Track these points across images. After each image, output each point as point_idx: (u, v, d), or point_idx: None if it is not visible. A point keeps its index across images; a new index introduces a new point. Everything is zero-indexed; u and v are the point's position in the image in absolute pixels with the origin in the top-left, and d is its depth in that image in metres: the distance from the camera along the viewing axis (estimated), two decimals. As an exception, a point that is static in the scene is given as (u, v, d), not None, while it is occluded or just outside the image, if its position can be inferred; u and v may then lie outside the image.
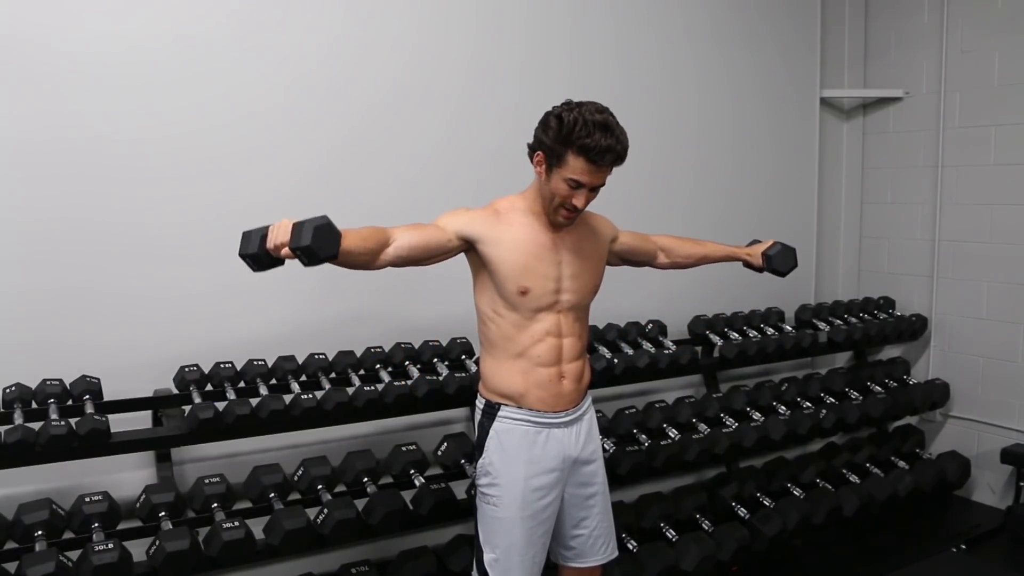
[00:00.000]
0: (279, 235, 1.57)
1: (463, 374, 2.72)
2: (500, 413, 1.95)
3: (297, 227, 1.56)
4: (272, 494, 2.35)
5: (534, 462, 1.93)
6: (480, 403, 2.01)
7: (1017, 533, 3.18)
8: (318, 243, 1.55)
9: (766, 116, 3.88)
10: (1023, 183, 3.49)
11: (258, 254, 1.59)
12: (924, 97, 3.86)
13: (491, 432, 1.96)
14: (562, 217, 1.89)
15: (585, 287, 2.00)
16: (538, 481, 1.93)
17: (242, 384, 2.59)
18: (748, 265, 2.43)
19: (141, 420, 2.48)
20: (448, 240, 1.86)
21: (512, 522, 1.91)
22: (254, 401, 2.40)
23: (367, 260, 1.74)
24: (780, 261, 2.36)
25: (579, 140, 1.76)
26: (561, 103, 1.85)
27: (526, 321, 1.91)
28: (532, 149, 1.89)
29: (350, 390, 2.55)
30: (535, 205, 1.94)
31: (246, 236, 1.61)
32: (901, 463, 3.48)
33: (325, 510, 2.27)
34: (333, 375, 2.71)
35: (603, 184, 1.86)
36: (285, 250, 1.56)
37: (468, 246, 1.90)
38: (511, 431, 1.94)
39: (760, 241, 2.48)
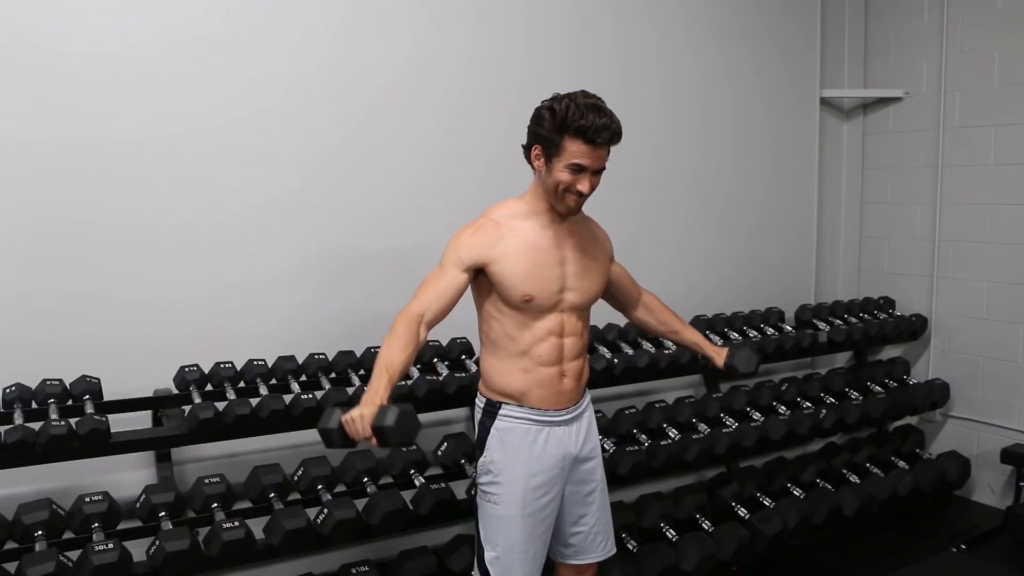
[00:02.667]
0: (361, 430, 1.64)
1: (463, 374, 2.72)
2: (501, 412, 1.96)
3: (379, 432, 1.63)
4: (272, 494, 2.35)
5: (535, 460, 1.94)
6: (480, 402, 2.01)
7: (1017, 533, 3.18)
8: (404, 437, 1.65)
9: (766, 116, 3.88)
10: (1023, 183, 3.49)
11: (344, 446, 1.69)
12: (924, 97, 3.86)
13: (492, 431, 1.96)
14: (571, 201, 1.89)
15: (589, 287, 2.00)
16: (539, 479, 1.94)
17: (242, 384, 2.59)
18: (712, 362, 2.30)
19: (141, 420, 2.48)
20: (464, 283, 1.90)
21: (513, 520, 1.92)
22: (254, 401, 2.40)
23: (417, 354, 1.83)
24: (741, 358, 2.25)
25: (574, 123, 1.78)
26: (549, 97, 1.87)
27: (529, 320, 1.92)
28: (528, 146, 1.91)
29: (350, 390, 2.55)
30: (537, 205, 1.94)
31: (325, 434, 1.69)
32: (901, 463, 3.48)
33: (325, 510, 2.26)
34: (333, 375, 2.71)
35: (603, 168, 1.87)
36: (374, 440, 1.64)
37: (478, 272, 1.91)
38: (512, 430, 1.94)
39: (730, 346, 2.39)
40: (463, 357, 2.90)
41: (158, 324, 2.55)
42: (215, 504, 2.28)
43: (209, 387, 2.55)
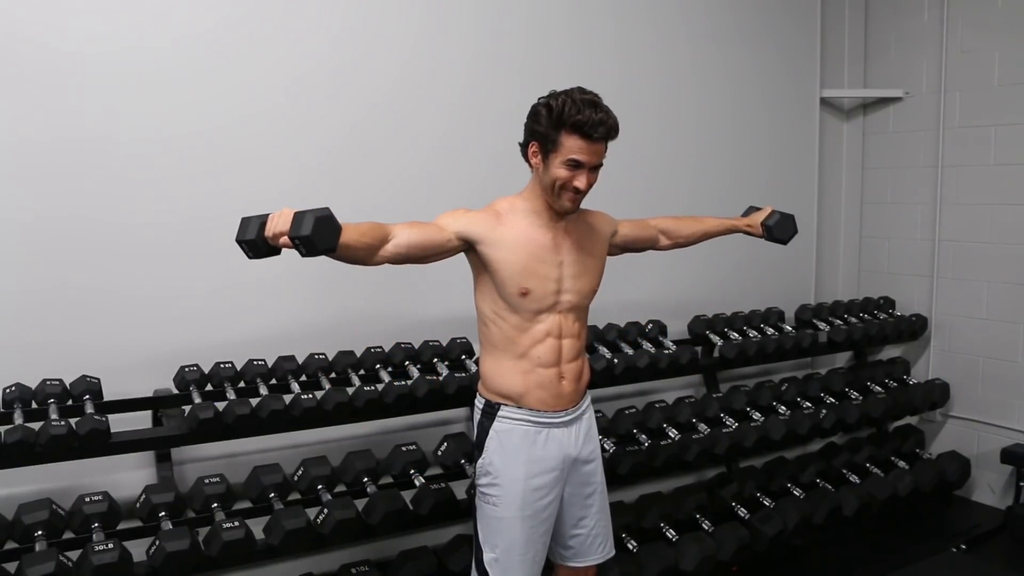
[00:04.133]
0: (279, 223, 1.55)
1: (463, 374, 2.72)
2: (500, 413, 1.95)
3: (298, 216, 1.53)
4: (272, 494, 2.35)
5: (534, 462, 1.93)
6: (480, 403, 2.01)
7: (1017, 533, 3.18)
8: (318, 234, 1.52)
9: (766, 116, 3.88)
10: (1023, 183, 3.49)
11: (255, 241, 1.56)
12: (924, 97, 3.86)
13: (491, 432, 1.95)
14: (568, 200, 1.88)
15: (585, 288, 2.00)
16: (538, 481, 1.93)
17: (242, 384, 2.59)
18: (749, 235, 2.45)
19: (141, 420, 2.48)
20: (448, 240, 1.86)
21: (512, 522, 1.91)
22: (254, 401, 2.40)
23: (365, 255, 1.74)
24: (780, 230, 2.37)
25: (571, 118, 1.78)
26: (546, 94, 1.87)
27: (527, 323, 1.91)
28: (524, 143, 1.91)
29: (350, 390, 2.55)
30: (535, 204, 1.94)
31: (244, 222, 1.59)
32: (901, 463, 3.48)
33: (325, 510, 2.27)
34: (333, 375, 2.71)
35: (600, 164, 1.87)
36: (284, 239, 1.54)
37: (468, 247, 1.90)
38: (511, 431, 1.94)
39: (758, 208, 2.49)
40: (463, 357, 2.90)
41: (158, 324, 2.55)
42: (215, 504, 2.28)
43: (209, 387, 2.55)
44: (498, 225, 1.90)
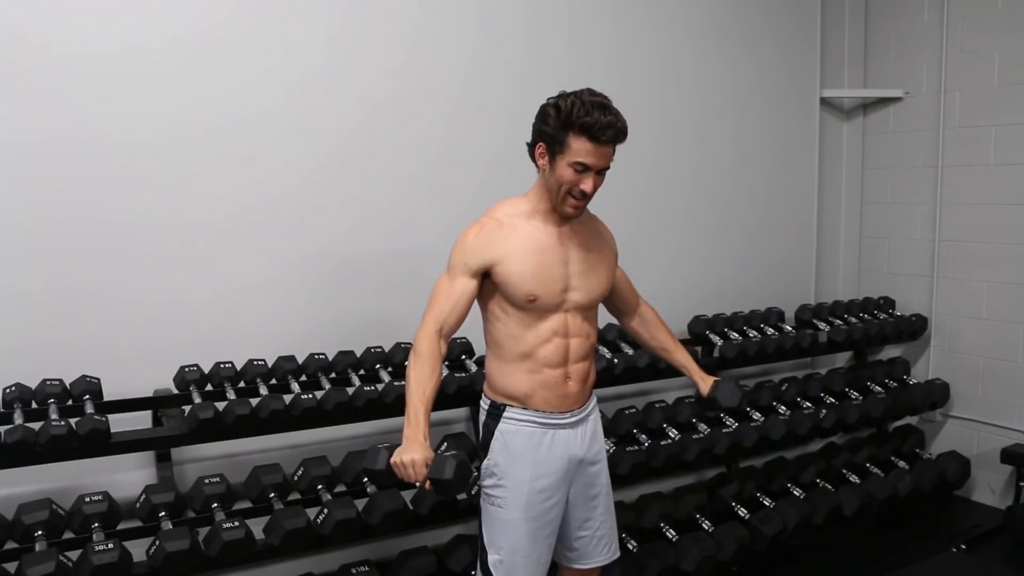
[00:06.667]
0: (414, 475, 1.69)
1: (463, 374, 2.72)
2: (505, 414, 1.95)
3: (437, 484, 1.67)
4: (272, 494, 2.35)
5: (540, 463, 1.93)
6: (485, 404, 2.00)
7: (1017, 533, 3.18)
8: (462, 486, 1.69)
9: (766, 116, 3.88)
10: (1023, 183, 3.49)
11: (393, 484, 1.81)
12: (924, 97, 3.86)
13: (496, 433, 1.95)
14: (570, 207, 1.88)
15: (593, 288, 1.98)
16: (543, 482, 1.93)
17: (242, 384, 2.59)
18: (697, 388, 2.27)
19: (141, 420, 2.48)
20: (475, 288, 1.90)
21: (517, 523, 1.91)
22: (254, 401, 2.40)
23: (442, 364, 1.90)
24: (724, 394, 2.21)
25: (579, 120, 1.77)
26: (555, 95, 1.86)
27: (533, 321, 1.91)
28: (532, 143, 1.90)
29: (350, 390, 2.55)
30: (540, 204, 1.93)
31: (371, 475, 1.77)
32: (901, 463, 3.48)
33: (325, 510, 2.27)
34: (333, 375, 2.71)
35: (607, 167, 1.86)
36: (428, 484, 1.70)
37: (486, 273, 1.90)
38: (517, 432, 1.93)
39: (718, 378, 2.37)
40: (463, 357, 2.90)
41: (158, 324, 2.54)
42: (215, 504, 2.28)
43: (209, 387, 2.55)
44: (502, 238, 1.89)
